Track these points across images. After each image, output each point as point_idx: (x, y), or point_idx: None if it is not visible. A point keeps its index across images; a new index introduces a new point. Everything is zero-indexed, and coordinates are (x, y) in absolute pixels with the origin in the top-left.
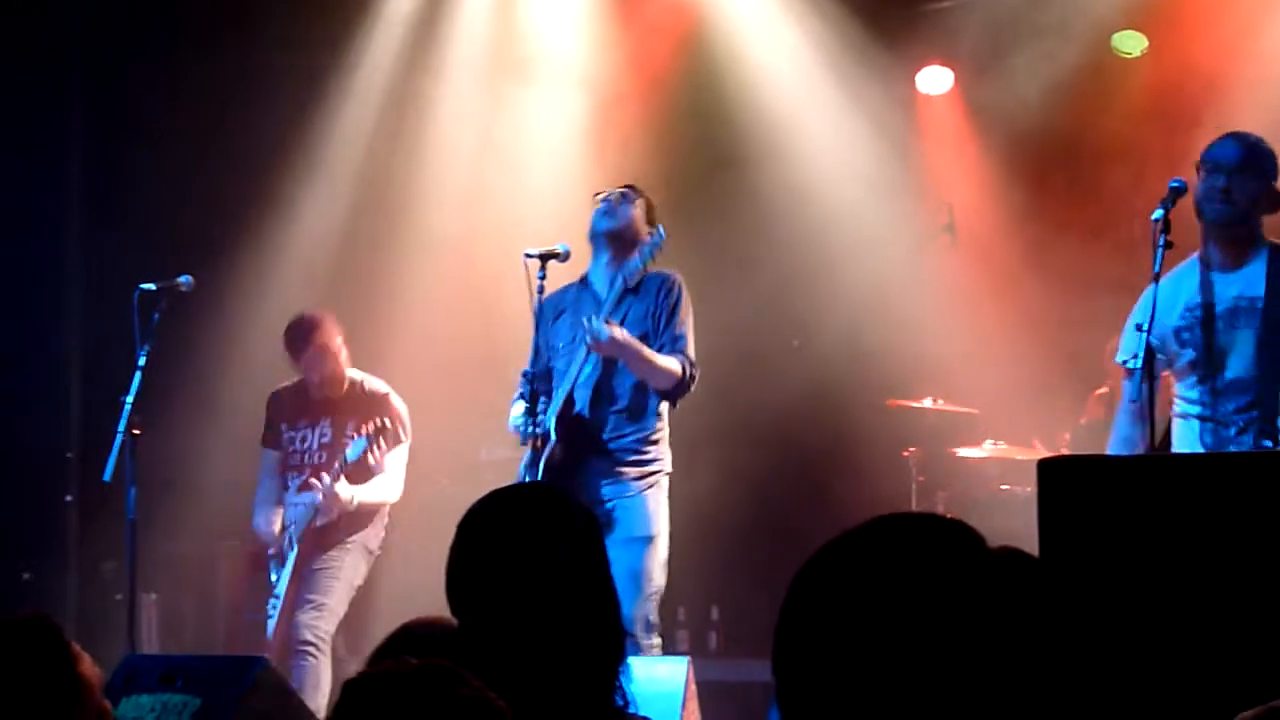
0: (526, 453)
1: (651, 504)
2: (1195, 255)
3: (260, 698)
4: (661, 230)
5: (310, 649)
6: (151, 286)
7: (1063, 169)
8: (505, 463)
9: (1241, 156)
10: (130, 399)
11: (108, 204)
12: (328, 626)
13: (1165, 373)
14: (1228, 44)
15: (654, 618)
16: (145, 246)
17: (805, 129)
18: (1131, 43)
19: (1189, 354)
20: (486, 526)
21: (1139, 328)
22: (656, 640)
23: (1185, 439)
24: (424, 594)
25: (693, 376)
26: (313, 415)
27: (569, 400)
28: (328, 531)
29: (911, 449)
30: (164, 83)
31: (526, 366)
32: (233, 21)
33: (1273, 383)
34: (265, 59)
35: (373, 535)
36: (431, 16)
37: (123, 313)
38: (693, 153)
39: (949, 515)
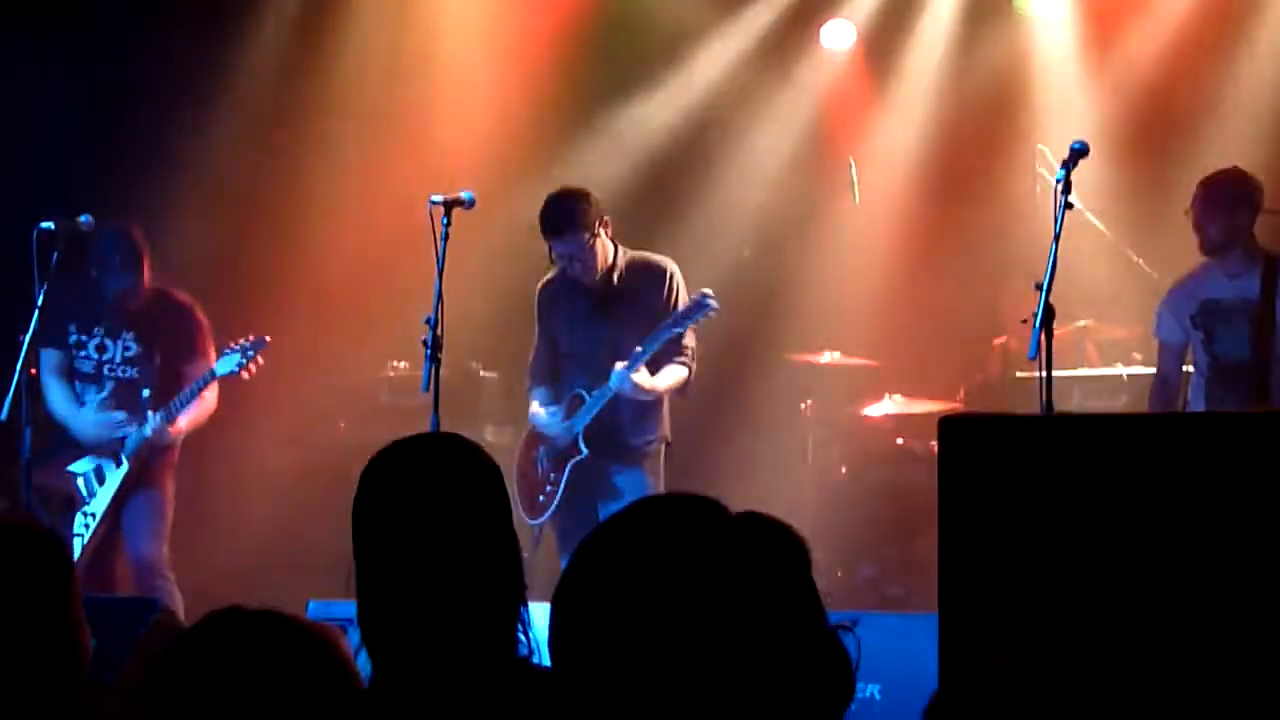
0: (550, 428)
1: (649, 473)
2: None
3: (157, 641)
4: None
5: (167, 580)
6: (50, 226)
7: (962, 125)
8: (406, 410)
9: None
10: (28, 339)
11: (3, 142)
12: (168, 552)
13: None
14: (1129, 5)
15: None
16: (43, 185)
17: (708, 79)
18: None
19: None
20: (393, 472)
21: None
22: None
23: None
24: (320, 528)
25: (694, 371)
26: (110, 323)
27: (596, 418)
28: (153, 452)
29: (809, 403)
30: (61, 20)
31: (430, 314)
32: None
33: None
34: (171, 4)
35: (177, 451)
36: None
37: (19, 252)
38: (596, 101)
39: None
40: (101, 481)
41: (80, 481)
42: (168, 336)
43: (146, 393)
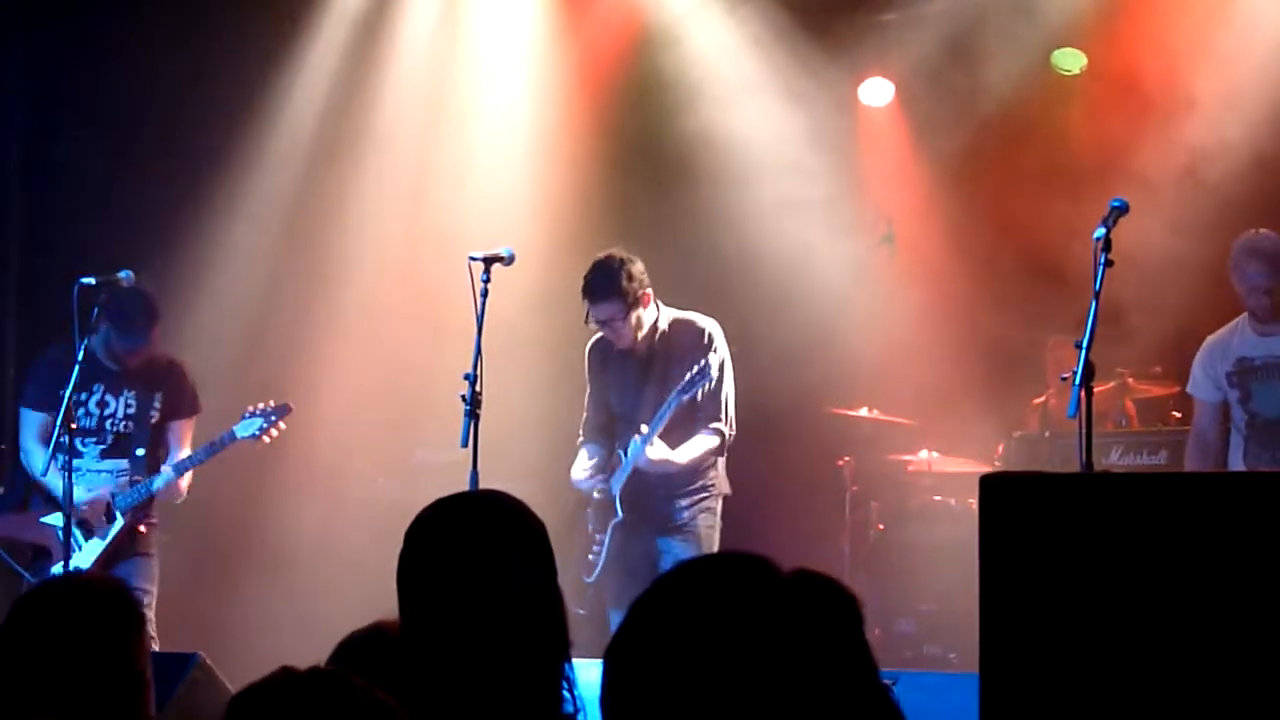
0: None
1: (702, 528)
2: None
3: (194, 693)
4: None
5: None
6: (91, 281)
7: (1001, 183)
8: (442, 465)
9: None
10: (69, 393)
11: (46, 196)
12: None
13: None
14: (1168, 63)
15: None
16: (83, 240)
17: (747, 136)
18: (1071, 60)
19: None
20: (439, 532)
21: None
22: None
23: None
24: (358, 586)
25: (731, 434)
26: (112, 380)
27: (631, 476)
28: (136, 515)
29: (846, 458)
30: (106, 74)
31: (469, 370)
32: (177, 16)
33: None
34: (210, 55)
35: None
36: (376, 18)
37: (60, 306)
38: (636, 159)
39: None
40: (89, 536)
41: (60, 534)
42: (166, 394)
43: (140, 451)
